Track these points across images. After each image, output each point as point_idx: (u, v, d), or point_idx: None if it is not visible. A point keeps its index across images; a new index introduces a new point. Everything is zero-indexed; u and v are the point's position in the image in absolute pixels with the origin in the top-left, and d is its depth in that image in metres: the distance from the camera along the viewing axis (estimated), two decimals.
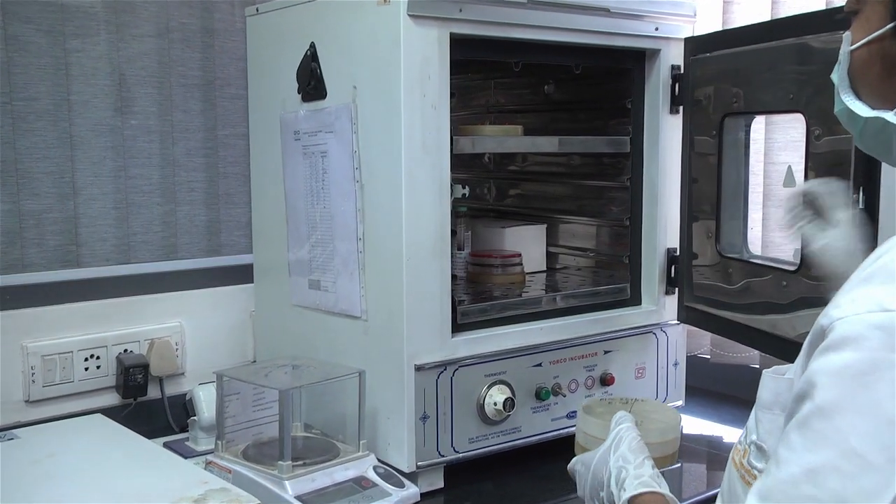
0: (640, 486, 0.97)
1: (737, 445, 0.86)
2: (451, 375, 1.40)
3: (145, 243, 1.70)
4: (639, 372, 1.63)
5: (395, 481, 1.34)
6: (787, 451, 0.70)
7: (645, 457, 1.02)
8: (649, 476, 0.99)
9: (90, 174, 1.63)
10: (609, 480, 1.00)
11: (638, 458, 1.01)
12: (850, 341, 0.67)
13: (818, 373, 0.69)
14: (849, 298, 0.69)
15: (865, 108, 0.80)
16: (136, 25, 1.66)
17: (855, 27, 0.80)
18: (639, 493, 0.97)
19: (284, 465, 1.29)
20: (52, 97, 1.58)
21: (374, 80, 1.38)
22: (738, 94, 1.46)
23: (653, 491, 0.97)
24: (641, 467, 1.00)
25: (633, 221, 1.67)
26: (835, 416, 0.67)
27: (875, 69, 0.78)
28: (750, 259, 1.53)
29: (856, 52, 0.79)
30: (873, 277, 0.70)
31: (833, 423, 0.67)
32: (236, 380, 1.41)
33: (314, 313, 1.56)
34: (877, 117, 0.79)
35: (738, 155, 1.54)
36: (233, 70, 1.78)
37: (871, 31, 0.77)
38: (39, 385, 1.57)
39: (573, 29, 1.47)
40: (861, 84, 0.81)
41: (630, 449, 1.02)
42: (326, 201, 1.50)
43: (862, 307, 0.67)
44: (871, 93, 0.80)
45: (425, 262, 1.36)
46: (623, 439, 1.04)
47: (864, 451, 0.65)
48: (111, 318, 1.65)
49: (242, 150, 1.80)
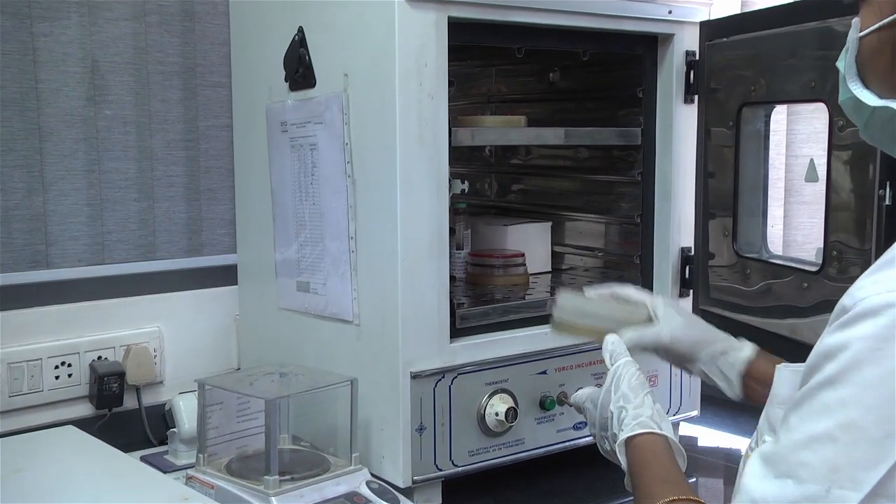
0: (637, 427, 1.03)
1: (748, 450, 0.89)
2: (449, 384, 1.41)
3: (121, 242, 1.71)
4: (651, 380, 1.63)
5: (390, 497, 1.34)
6: (796, 418, 0.76)
7: (645, 393, 1.07)
8: (648, 417, 1.04)
9: (61, 168, 1.63)
10: (612, 422, 1.07)
11: (637, 397, 1.06)
12: (867, 317, 0.72)
13: (832, 346, 0.74)
14: (871, 280, 0.74)
15: (873, 98, 0.82)
16: (109, 8, 1.66)
17: (864, 12, 0.82)
18: (636, 433, 1.03)
19: (271, 479, 1.29)
20: (19, 85, 1.58)
21: (367, 68, 1.38)
22: (756, 82, 1.47)
23: (650, 431, 1.03)
24: (641, 406, 1.05)
25: (644, 219, 1.68)
26: (841, 387, 0.72)
27: (885, 57, 0.80)
28: (769, 259, 1.54)
29: (865, 38, 0.81)
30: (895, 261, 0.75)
31: (838, 394, 0.72)
32: (219, 388, 1.41)
33: (303, 317, 1.57)
34: (885, 107, 0.81)
35: (758, 147, 1.55)
36: (215, 56, 1.78)
37: (883, 17, 0.79)
38: (6, 395, 1.57)
39: (580, 12, 1.47)
40: (869, 72, 0.82)
41: (630, 387, 1.08)
42: (316, 197, 1.50)
43: (882, 287, 0.72)
44: (881, 82, 0.81)
45: (422, 262, 1.36)
46: (622, 377, 1.09)
47: (864, 424, 0.70)
48: (84, 322, 1.65)
49: (225, 142, 1.80)
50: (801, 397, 0.76)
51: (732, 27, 1.54)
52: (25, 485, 1.25)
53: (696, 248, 1.63)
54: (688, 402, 1.68)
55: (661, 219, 1.66)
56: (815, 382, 0.75)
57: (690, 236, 1.64)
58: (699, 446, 1.73)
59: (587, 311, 1.27)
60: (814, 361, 0.76)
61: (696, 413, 1.69)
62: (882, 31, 0.79)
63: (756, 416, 0.93)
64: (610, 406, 1.08)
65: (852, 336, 0.72)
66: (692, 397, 1.69)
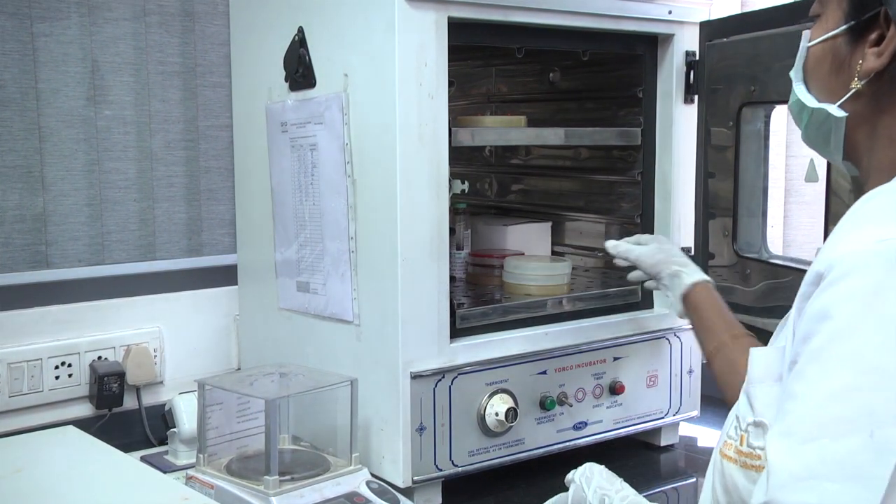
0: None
1: (726, 441, 0.90)
2: (449, 384, 1.41)
3: (121, 243, 1.71)
4: (651, 380, 1.63)
5: (390, 497, 1.34)
6: (803, 385, 0.75)
7: (621, 481, 1.12)
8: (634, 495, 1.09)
9: (61, 168, 1.63)
10: None
11: (614, 484, 1.11)
12: (854, 270, 0.74)
13: (825, 306, 0.75)
14: (843, 241, 0.77)
15: (812, 100, 0.93)
16: (109, 8, 1.66)
17: (815, 27, 0.94)
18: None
19: (271, 480, 1.29)
20: (19, 85, 1.58)
21: (367, 68, 1.38)
22: (757, 82, 1.47)
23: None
24: (623, 490, 1.10)
25: (644, 219, 1.68)
26: (847, 338, 0.73)
27: (825, 65, 0.92)
28: (770, 259, 1.54)
29: (812, 48, 0.93)
30: (864, 223, 0.79)
31: (847, 346, 0.73)
32: (219, 389, 1.41)
33: (303, 317, 1.57)
34: (821, 108, 0.92)
35: (757, 147, 1.55)
36: (215, 56, 1.78)
37: (828, 31, 0.91)
38: (6, 395, 1.57)
39: (580, 12, 1.48)
40: (812, 78, 0.94)
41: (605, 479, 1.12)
42: (316, 197, 1.50)
43: (859, 244, 0.75)
44: (821, 87, 0.93)
45: (422, 262, 1.36)
46: (593, 472, 1.13)
47: (883, 364, 0.71)
48: (84, 322, 1.65)
49: (225, 142, 1.80)
50: (805, 362, 0.75)
51: (732, 27, 1.54)
52: (25, 485, 1.25)
53: (697, 248, 1.63)
54: (688, 402, 1.68)
55: (661, 219, 1.66)
56: (816, 345, 0.75)
57: (690, 236, 1.64)
58: (699, 446, 1.73)
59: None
60: (807, 328, 0.76)
61: (696, 413, 1.70)
62: (826, 42, 0.91)
63: None
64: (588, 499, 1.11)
65: (844, 290, 0.73)
66: (692, 397, 1.69)
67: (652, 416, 1.64)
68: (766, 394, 0.86)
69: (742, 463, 0.87)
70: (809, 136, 0.97)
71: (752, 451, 0.86)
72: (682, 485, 1.57)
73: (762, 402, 0.86)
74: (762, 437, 0.84)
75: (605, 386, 1.58)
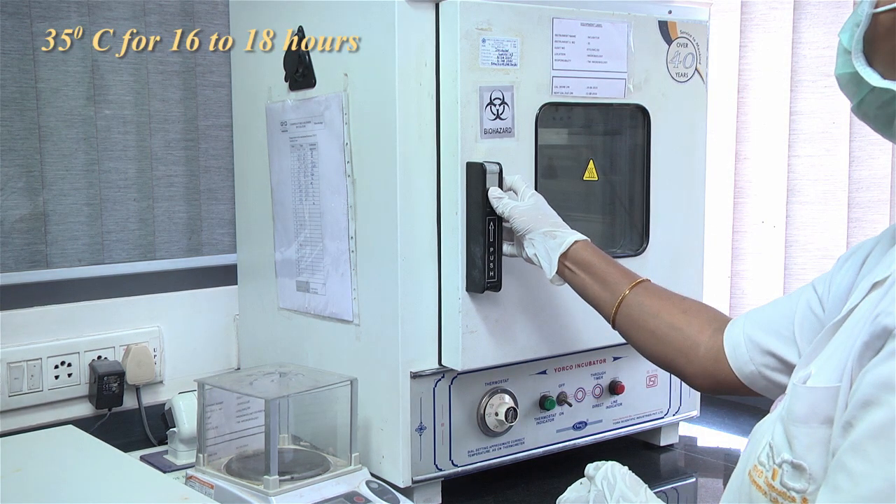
0: None
1: (756, 466, 0.84)
2: (449, 383, 1.41)
3: (120, 242, 1.71)
4: (650, 380, 1.63)
5: (390, 497, 1.34)
6: (863, 464, 0.69)
7: (645, 490, 1.01)
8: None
9: (60, 168, 1.64)
10: None
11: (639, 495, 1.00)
12: None
13: (891, 377, 0.68)
14: None
15: (876, 77, 0.79)
16: (109, 7, 1.66)
17: None
18: None
19: (271, 479, 1.29)
20: (19, 84, 1.58)
21: (367, 68, 1.38)
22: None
23: None
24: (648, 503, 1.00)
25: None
26: None
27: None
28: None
29: (881, 14, 0.78)
30: None
31: None
32: (219, 388, 1.42)
33: (302, 317, 1.57)
34: (887, 89, 0.78)
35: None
36: (215, 56, 1.78)
37: None
38: (6, 395, 1.57)
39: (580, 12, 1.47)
40: (877, 51, 0.79)
41: (628, 486, 1.01)
42: (316, 197, 1.50)
43: None
44: (887, 62, 0.79)
45: (421, 262, 1.36)
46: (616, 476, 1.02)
47: None
48: (84, 322, 1.65)
49: (225, 141, 1.80)
50: (863, 437, 0.69)
51: None
52: (25, 484, 1.25)
53: None
54: (688, 402, 1.68)
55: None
56: (878, 419, 0.68)
57: None
58: (699, 446, 1.73)
59: None
60: (868, 393, 0.69)
61: (696, 413, 1.70)
62: None
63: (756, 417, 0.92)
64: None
65: None
66: (692, 397, 1.69)
67: (652, 416, 1.64)
68: (808, 435, 0.78)
69: (773, 499, 0.81)
70: (866, 113, 0.83)
71: (787, 491, 0.80)
72: (681, 485, 1.57)
73: (802, 444, 0.79)
74: (799, 479, 0.79)
75: (604, 386, 1.58)
